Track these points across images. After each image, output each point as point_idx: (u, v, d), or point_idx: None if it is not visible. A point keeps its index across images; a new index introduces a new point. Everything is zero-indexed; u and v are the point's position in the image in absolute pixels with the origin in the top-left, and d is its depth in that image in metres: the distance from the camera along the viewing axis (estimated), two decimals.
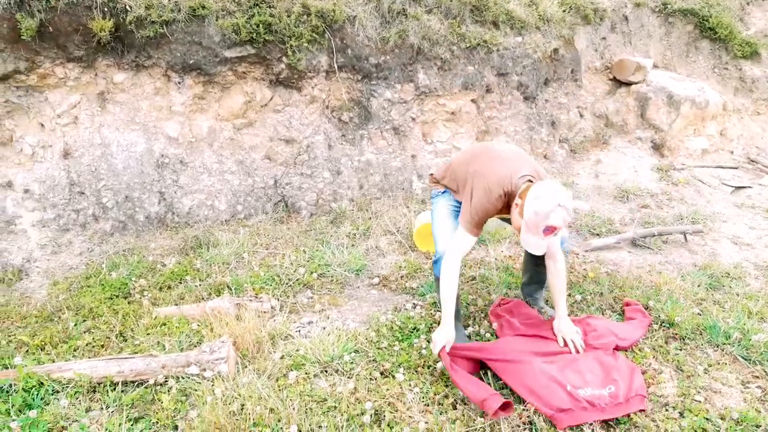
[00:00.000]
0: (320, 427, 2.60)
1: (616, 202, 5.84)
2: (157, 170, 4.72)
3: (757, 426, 2.66)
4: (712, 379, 3.04)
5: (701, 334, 3.43)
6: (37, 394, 2.87)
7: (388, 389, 2.87)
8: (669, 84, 7.46)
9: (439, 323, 3.41)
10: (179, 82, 4.73)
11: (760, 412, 2.78)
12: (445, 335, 2.89)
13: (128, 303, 3.79)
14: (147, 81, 4.67)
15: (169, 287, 4.02)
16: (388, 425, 2.62)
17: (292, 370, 3.04)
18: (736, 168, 7.09)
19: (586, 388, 2.81)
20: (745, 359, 3.23)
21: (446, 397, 2.83)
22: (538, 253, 2.78)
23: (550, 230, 2.68)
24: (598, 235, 5.05)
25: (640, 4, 7.74)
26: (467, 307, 3.69)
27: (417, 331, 3.42)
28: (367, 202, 5.28)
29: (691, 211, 5.59)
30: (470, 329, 3.43)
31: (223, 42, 4.70)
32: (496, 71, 5.78)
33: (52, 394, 2.89)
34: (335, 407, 2.75)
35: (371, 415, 2.66)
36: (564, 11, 6.56)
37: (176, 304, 3.76)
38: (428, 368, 3.05)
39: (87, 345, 3.35)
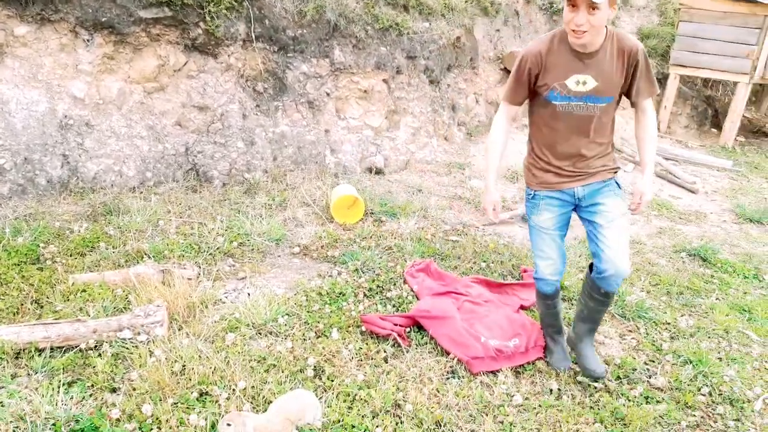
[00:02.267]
0: (265, 382, 2.74)
1: (507, 183, 6.39)
2: (60, 132, 4.46)
3: (633, 369, 3.21)
4: (597, 334, 3.57)
5: None
6: None
7: (324, 347, 3.06)
8: None
9: (365, 293, 3.68)
10: (88, 40, 4.47)
11: (635, 358, 3.34)
12: (488, 198, 2.95)
13: (39, 270, 3.62)
14: (52, 36, 4.36)
15: (82, 254, 3.88)
16: (329, 378, 2.83)
17: (228, 332, 3.13)
18: None
19: (495, 339, 3.22)
20: (622, 317, 3.81)
21: (378, 352, 3.08)
22: None
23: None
24: None
25: (530, 2, 8.38)
26: (388, 272, 3.96)
27: (344, 295, 3.63)
28: (281, 174, 5.35)
29: None
30: (393, 292, 3.70)
31: (139, 1, 4.51)
32: (406, 54, 6.06)
33: None
34: (275, 365, 2.90)
35: (313, 370, 2.84)
36: (466, 2, 6.97)
37: (91, 271, 3.66)
38: (358, 328, 3.28)
39: None
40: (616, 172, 2.86)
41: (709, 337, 3.67)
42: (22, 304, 3.25)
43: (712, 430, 2.84)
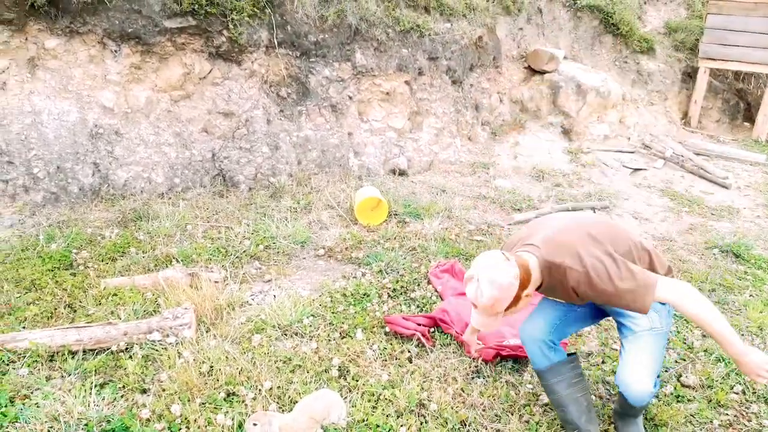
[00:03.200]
0: (291, 383, 2.77)
1: (533, 181, 6.34)
2: (90, 141, 4.58)
3: (665, 369, 3.14)
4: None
5: None
6: None
7: (348, 347, 3.08)
8: (578, 74, 8.10)
9: (389, 294, 3.67)
10: (115, 51, 4.60)
11: (666, 356, 3.27)
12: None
13: (72, 275, 3.72)
14: (81, 48, 4.50)
15: (113, 259, 3.98)
16: (353, 378, 2.84)
17: (254, 333, 3.17)
18: (633, 152, 7.86)
19: (510, 339, 3.18)
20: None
21: (402, 352, 3.09)
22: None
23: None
24: (519, 210, 5.49)
25: None
26: (412, 273, 3.97)
27: (368, 296, 3.64)
28: (305, 178, 5.40)
29: (598, 189, 6.19)
30: (417, 293, 3.71)
31: (164, 11, 4.62)
32: (427, 55, 6.06)
33: (8, 364, 2.85)
34: (300, 366, 2.93)
35: (338, 370, 2.86)
36: (488, 1, 6.94)
37: (121, 276, 3.75)
38: (382, 329, 3.29)
39: (34, 316, 3.28)
40: None
41: (742, 335, 3.58)
42: (55, 309, 3.35)
43: (745, 430, 2.77)
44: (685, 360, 3.28)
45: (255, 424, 2.27)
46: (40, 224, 4.25)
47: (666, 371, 3.14)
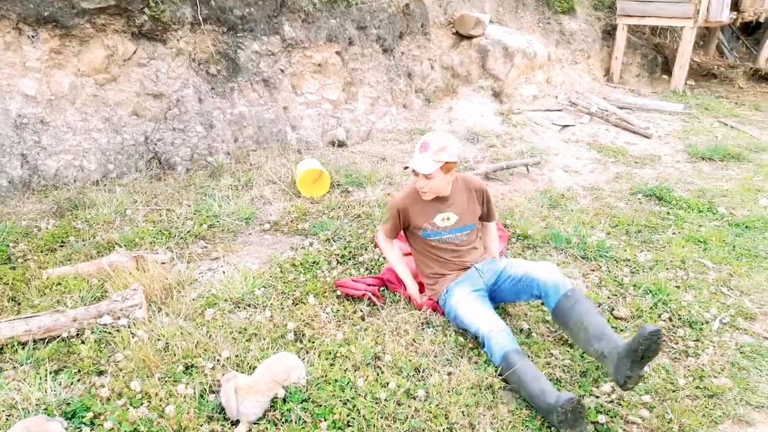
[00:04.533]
0: (248, 351, 2.84)
1: (468, 144, 6.52)
2: (15, 131, 4.40)
3: (599, 304, 3.39)
4: (565, 275, 3.74)
5: (549, 242, 4.16)
6: None
7: (302, 313, 3.16)
8: (504, 37, 8.31)
9: (337, 260, 3.78)
10: (33, 36, 4.40)
11: (598, 293, 3.52)
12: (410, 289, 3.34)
13: (11, 269, 3.62)
14: None
15: (52, 250, 3.89)
16: (309, 340, 2.93)
17: (206, 308, 3.20)
18: (560, 110, 8.19)
19: None
20: (584, 258, 3.99)
21: (354, 312, 3.20)
22: (420, 170, 2.97)
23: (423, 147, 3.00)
24: (456, 172, 5.65)
25: None
26: (358, 239, 4.06)
27: (317, 264, 3.72)
28: (244, 155, 5.38)
29: (530, 147, 6.44)
30: (365, 256, 3.81)
31: None
32: (356, 24, 6.08)
33: None
34: (256, 334, 2.99)
35: (294, 334, 2.95)
36: None
37: (64, 265, 3.68)
38: (334, 293, 3.38)
39: None
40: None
41: (667, 269, 3.88)
42: None
43: (674, 351, 3.04)
44: (616, 295, 3.53)
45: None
46: None
47: (599, 306, 3.38)
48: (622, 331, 3.16)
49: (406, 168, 3.06)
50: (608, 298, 3.50)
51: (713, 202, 5.14)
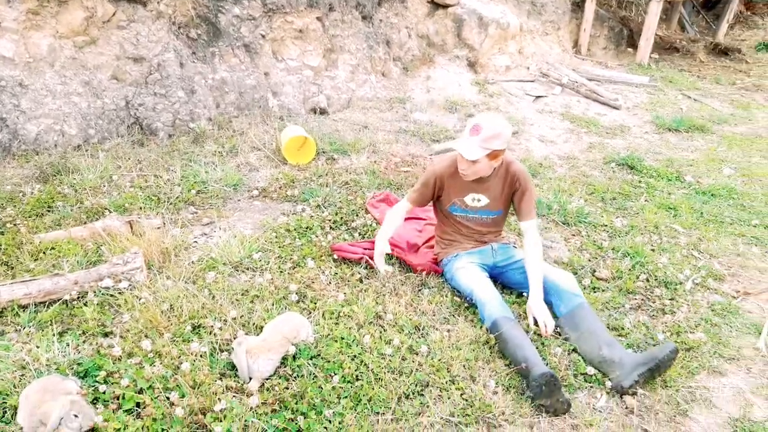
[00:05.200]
0: (252, 311, 2.92)
1: (447, 113, 6.62)
2: None
3: (581, 266, 3.58)
4: (546, 240, 3.93)
5: None
6: None
7: (301, 275, 3.25)
8: (479, 7, 8.36)
9: (330, 226, 3.85)
10: None
11: (580, 256, 3.72)
12: (376, 251, 3.30)
13: (0, 234, 3.57)
14: None
15: (40, 215, 3.84)
16: (312, 301, 3.03)
17: (207, 271, 3.25)
18: (533, 81, 8.35)
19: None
20: (565, 223, 4.19)
21: (353, 275, 3.30)
22: (466, 155, 2.89)
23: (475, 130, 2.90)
24: (437, 141, 5.76)
25: None
26: (349, 205, 4.14)
27: (311, 229, 3.79)
28: (226, 121, 5.35)
29: (506, 117, 6.58)
30: (357, 222, 3.90)
31: None
32: None
33: None
34: (258, 296, 3.06)
35: (296, 295, 3.03)
36: None
37: (54, 230, 3.65)
38: (330, 257, 3.47)
39: None
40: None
41: (642, 234, 4.11)
42: None
43: (651, 309, 3.26)
44: (596, 258, 3.73)
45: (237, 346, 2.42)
46: None
47: (582, 268, 3.58)
48: (603, 291, 3.36)
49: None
50: (589, 260, 3.70)
51: (681, 171, 5.40)
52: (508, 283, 3.24)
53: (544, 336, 2.87)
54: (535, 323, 2.91)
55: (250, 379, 2.46)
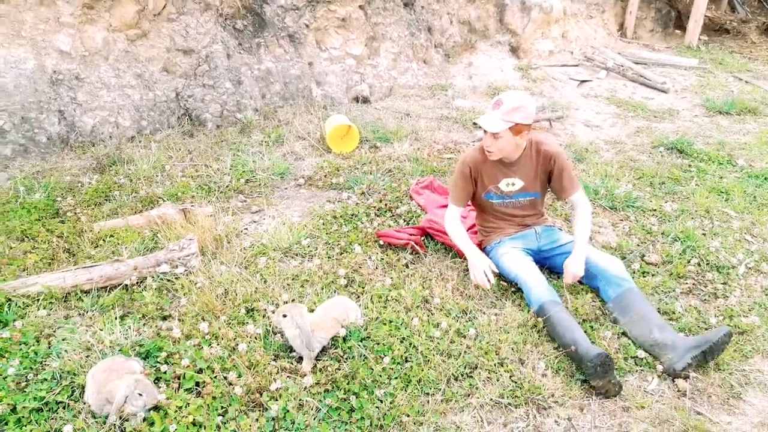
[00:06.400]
0: (303, 295, 3.00)
1: (489, 99, 6.57)
2: (52, 87, 4.47)
3: (630, 251, 3.54)
4: (593, 225, 3.89)
5: None
6: (9, 310, 2.89)
7: (349, 261, 3.31)
8: None
9: (375, 213, 3.88)
10: None
11: (629, 241, 3.67)
12: (479, 264, 3.05)
13: (61, 222, 3.75)
14: None
15: (98, 204, 4.01)
16: (359, 285, 3.09)
17: (258, 257, 3.35)
18: (577, 65, 8.19)
19: None
20: (612, 209, 4.13)
21: (399, 260, 3.35)
22: (487, 127, 2.90)
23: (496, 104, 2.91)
24: (480, 128, 5.73)
25: None
26: (393, 192, 4.18)
27: (356, 216, 3.85)
28: (271, 111, 5.45)
29: (551, 102, 6.50)
30: (402, 209, 3.94)
31: None
32: None
33: (24, 308, 2.92)
34: (308, 281, 3.14)
35: (345, 279, 3.10)
36: None
37: (112, 218, 3.81)
38: (376, 242, 3.52)
39: (34, 264, 3.33)
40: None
41: (692, 218, 4.02)
42: (54, 255, 3.40)
43: (703, 293, 3.20)
44: (645, 242, 3.68)
45: (285, 315, 2.48)
46: (15, 177, 4.19)
47: (630, 253, 3.53)
48: (653, 275, 3.31)
49: (475, 124, 2.99)
50: (638, 245, 3.65)
51: (732, 154, 5.24)
52: (555, 267, 3.22)
53: (566, 282, 2.98)
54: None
55: (301, 358, 2.53)
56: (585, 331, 2.72)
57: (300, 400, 2.32)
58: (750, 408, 2.46)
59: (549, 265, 3.27)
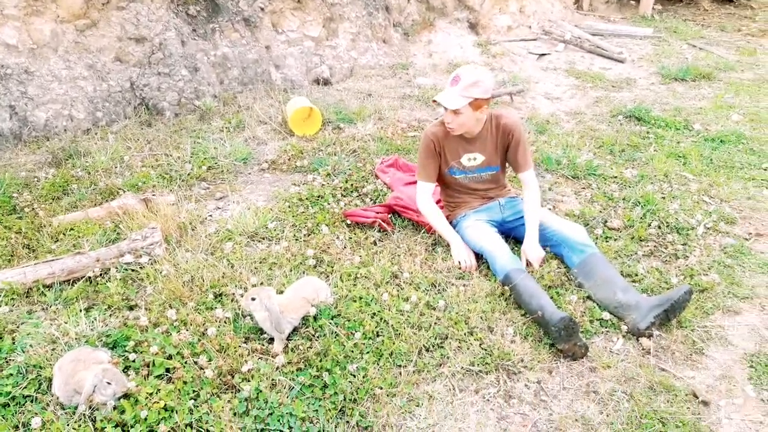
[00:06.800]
0: (272, 278, 2.98)
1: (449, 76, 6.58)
2: (1, 83, 4.31)
3: (593, 217, 3.61)
4: (556, 194, 3.95)
5: (540, 165, 4.34)
6: None
7: (317, 241, 3.30)
8: None
9: (341, 193, 3.88)
10: None
11: (590, 208, 3.74)
12: (459, 250, 3.12)
13: (19, 218, 3.64)
14: None
15: (56, 198, 3.91)
16: (329, 265, 3.09)
17: (224, 242, 3.31)
18: (536, 39, 8.25)
19: None
20: (574, 177, 4.20)
21: (366, 239, 3.35)
22: (447, 104, 2.92)
23: (454, 80, 2.95)
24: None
25: None
26: (358, 172, 4.17)
27: (322, 197, 3.83)
28: (231, 97, 5.36)
29: (511, 76, 6.55)
30: (368, 188, 3.94)
31: None
32: None
33: None
34: (276, 263, 3.12)
35: (313, 259, 3.09)
36: None
37: (71, 212, 3.71)
38: (343, 222, 3.52)
39: None
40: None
41: (652, 183, 4.12)
42: (14, 251, 3.31)
43: (664, 255, 3.29)
44: (607, 209, 3.75)
45: (253, 299, 2.47)
46: None
47: (593, 219, 3.60)
48: (616, 240, 3.39)
49: (435, 101, 2.98)
50: (600, 212, 3.72)
51: (689, 119, 5.37)
52: (520, 237, 3.27)
53: (535, 268, 3.02)
54: (528, 264, 3.03)
55: (272, 339, 2.52)
56: (551, 297, 2.78)
57: (272, 379, 2.31)
58: (712, 362, 2.55)
59: (514, 235, 3.31)
